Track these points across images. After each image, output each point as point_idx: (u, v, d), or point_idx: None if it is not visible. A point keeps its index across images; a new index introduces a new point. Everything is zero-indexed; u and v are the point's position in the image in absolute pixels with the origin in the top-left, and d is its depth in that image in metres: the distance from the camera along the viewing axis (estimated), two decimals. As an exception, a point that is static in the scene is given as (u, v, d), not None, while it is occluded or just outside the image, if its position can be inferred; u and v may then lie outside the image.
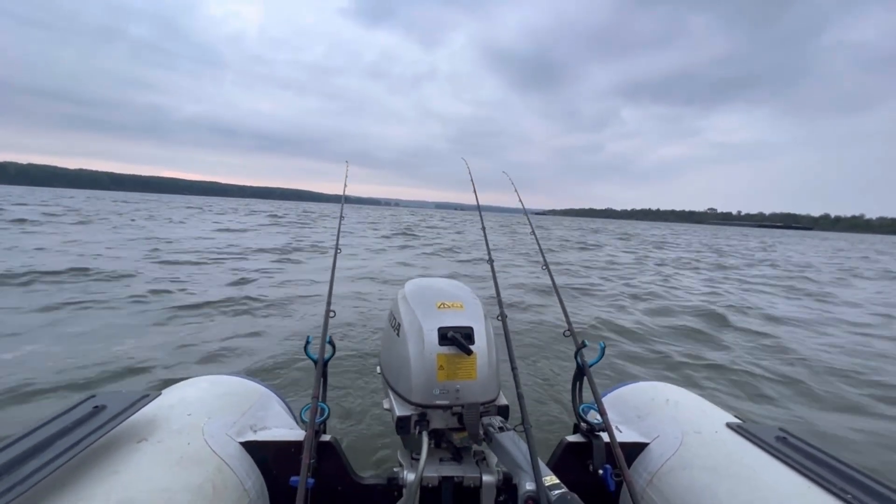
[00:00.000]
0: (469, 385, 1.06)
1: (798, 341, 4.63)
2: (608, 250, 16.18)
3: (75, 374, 2.80)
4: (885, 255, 24.61)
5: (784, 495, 0.86)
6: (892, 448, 2.46)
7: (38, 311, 4.17)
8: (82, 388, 2.63)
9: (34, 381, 2.63)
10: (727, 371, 3.56)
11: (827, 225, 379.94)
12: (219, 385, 1.25)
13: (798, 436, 1.04)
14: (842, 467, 0.90)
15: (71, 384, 2.65)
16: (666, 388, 1.40)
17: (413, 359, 1.06)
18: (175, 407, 1.07)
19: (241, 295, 5.23)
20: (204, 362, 3.15)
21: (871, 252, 27.38)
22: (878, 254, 25.37)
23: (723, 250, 20.46)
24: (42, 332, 3.62)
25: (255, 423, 1.15)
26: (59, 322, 3.92)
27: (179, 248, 9.56)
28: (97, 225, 14.08)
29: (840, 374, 3.67)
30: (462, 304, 1.16)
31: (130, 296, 4.86)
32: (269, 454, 1.08)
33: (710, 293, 7.52)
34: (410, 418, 1.04)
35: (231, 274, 6.75)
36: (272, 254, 9.57)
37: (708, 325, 5.08)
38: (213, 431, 1.02)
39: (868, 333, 5.23)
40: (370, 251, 11.43)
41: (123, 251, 8.40)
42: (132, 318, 4.16)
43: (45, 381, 2.61)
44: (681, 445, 1.09)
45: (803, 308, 6.78)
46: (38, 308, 4.25)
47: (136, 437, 0.92)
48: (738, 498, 0.89)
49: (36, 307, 4.27)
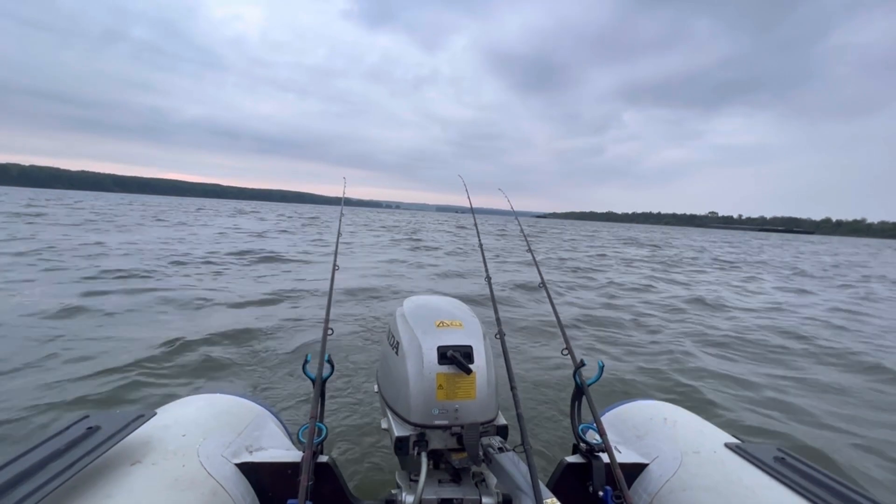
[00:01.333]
0: (468, 405, 1.05)
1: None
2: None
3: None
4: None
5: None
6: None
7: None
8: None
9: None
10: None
11: (828, 229, 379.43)
12: (214, 404, 1.24)
13: (796, 456, 1.04)
14: (840, 488, 0.90)
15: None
16: (664, 407, 1.39)
17: (412, 378, 1.05)
18: (170, 427, 1.06)
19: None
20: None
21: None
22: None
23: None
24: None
25: (251, 444, 1.13)
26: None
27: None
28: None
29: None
30: (461, 322, 1.15)
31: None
32: (264, 476, 1.06)
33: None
34: (409, 439, 1.03)
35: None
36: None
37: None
38: (208, 453, 1.00)
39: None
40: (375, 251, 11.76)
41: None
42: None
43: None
44: (680, 466, 1.08)
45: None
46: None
47: (130, 459, 0.91)
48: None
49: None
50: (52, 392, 2.64)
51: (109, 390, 2.71)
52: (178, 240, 12.09)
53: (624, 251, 18.77)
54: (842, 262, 19.76)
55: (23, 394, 2.61)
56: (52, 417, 2.36)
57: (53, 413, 2.40)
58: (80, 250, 8.75)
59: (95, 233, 12.46)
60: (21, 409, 2.41)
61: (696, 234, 59.48)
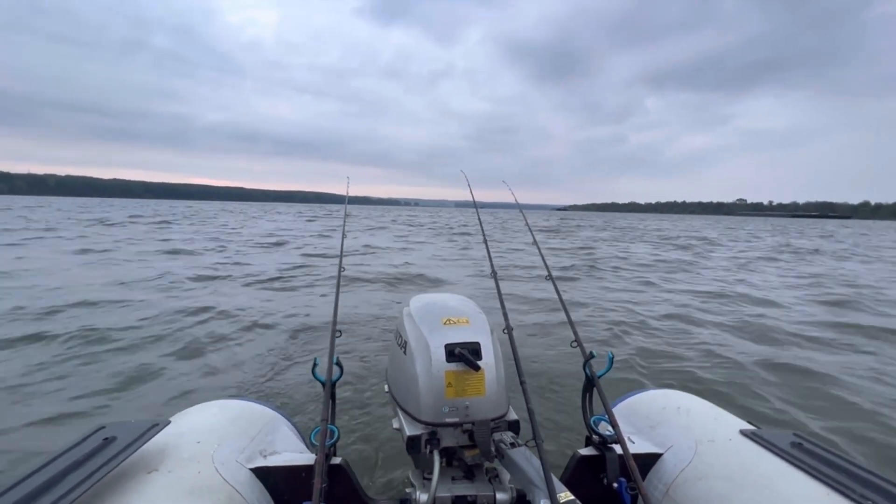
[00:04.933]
0: (478, 401, 1.06)
1: None
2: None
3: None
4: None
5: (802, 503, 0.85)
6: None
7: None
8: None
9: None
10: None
11: (867, 213, 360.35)
12: (228, 410, 1.26)
13: (813, 441, 1.02)
14: (860, 472, 0.88)
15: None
16: (677, 396, 1.38)
17: (421, 377, 1.07)
18: (185, 435, 1.08)
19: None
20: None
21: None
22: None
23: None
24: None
25: (265, 448, 1.15)
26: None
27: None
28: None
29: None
30: (468, 319, 1.16)
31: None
32: (279, 479, 1.08)
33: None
34: (421, 437, 1.04)
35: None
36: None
37: None
38: (222, 458, 1.02)
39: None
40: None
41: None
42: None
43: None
44: (695, 455, 1.07)
45: None
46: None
47: (146, 467, 0.93)
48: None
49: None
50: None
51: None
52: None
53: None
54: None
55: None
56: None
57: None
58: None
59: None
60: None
61: (745, 224, 56.31)
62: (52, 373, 3.10)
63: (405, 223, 23.46)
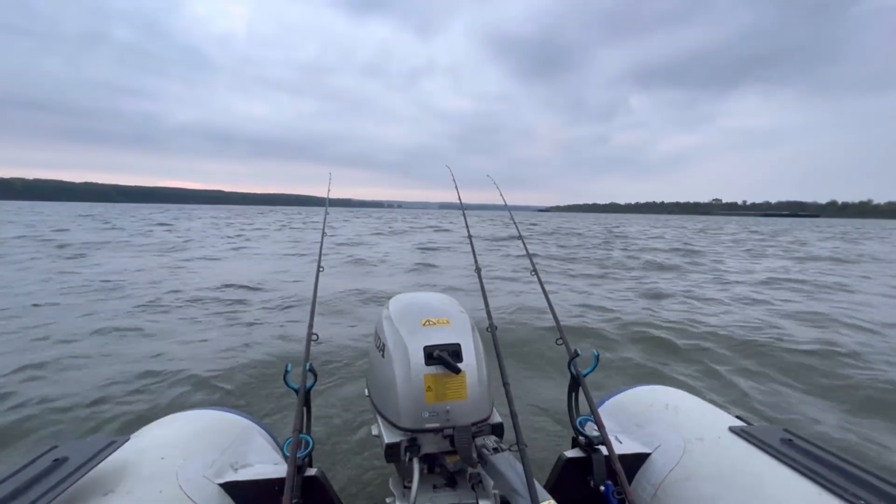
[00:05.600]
0: (460, 405, 1.02)
1: None
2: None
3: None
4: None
5: (793, 503, 0.83)
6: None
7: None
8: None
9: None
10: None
11: (834, 212, 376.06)
12: (195, 421, 1.19)
13: (803, 437, 1.01)
14: (851, 469, 0.86)
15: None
16: (665, 392, 1.36)
17: (399, 381, 1.02)
18: (146, 451, 1.01)
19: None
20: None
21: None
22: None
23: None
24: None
25: (237, 461, 1.09)
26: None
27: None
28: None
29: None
30: (448, 319, 1.12)
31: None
32: (250, 495, 1.01)
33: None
34: (400, 445, 1.00)
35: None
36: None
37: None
38: (188, 475, 0.95)
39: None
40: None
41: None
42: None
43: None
44: (683, 454, 1.05)
45: None
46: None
47: (101, 489, 0.86)
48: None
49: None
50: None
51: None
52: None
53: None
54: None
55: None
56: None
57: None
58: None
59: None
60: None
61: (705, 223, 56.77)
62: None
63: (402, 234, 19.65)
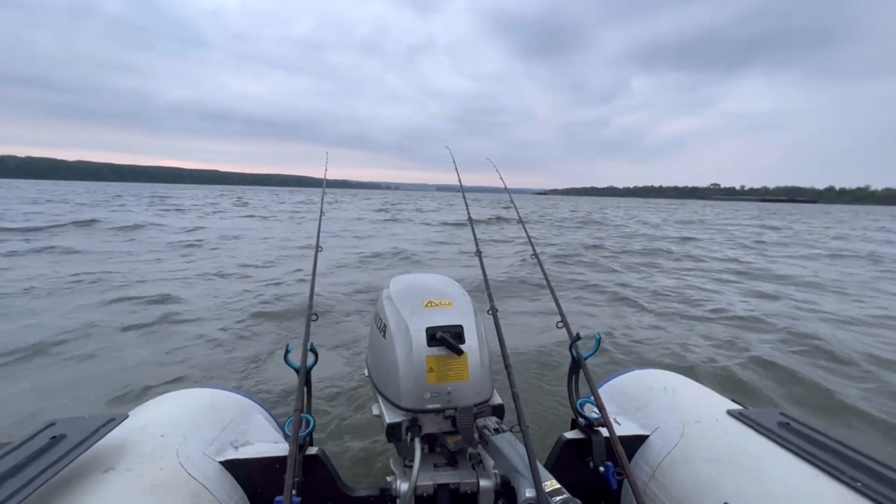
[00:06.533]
0: (461, 386, 1.02)
1: None
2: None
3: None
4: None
5: (791, 486, 0.83)
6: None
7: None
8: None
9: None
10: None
11: (831, 198, 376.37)
12: (195, 399, 1.19)
13: (800, 420, 1.02)
14: (848, 452, 0.87)
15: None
16: (663, 376, 1.37)
17: (401, 362, 1.02)
18: (146, 429, 1.00)
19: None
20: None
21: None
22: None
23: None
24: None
25: (237, 439, 1.09)
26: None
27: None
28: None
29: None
30: (450, 301, 1.11)
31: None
32: (252, 472, 1.02)
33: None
34: (401, 424, 1.01)
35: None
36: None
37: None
38: (189, 452, 0.95)
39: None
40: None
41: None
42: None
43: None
44: (682, 437, 1.06)
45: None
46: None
47: (101, 466, 0.85)
48: (742, 490, 0.86)
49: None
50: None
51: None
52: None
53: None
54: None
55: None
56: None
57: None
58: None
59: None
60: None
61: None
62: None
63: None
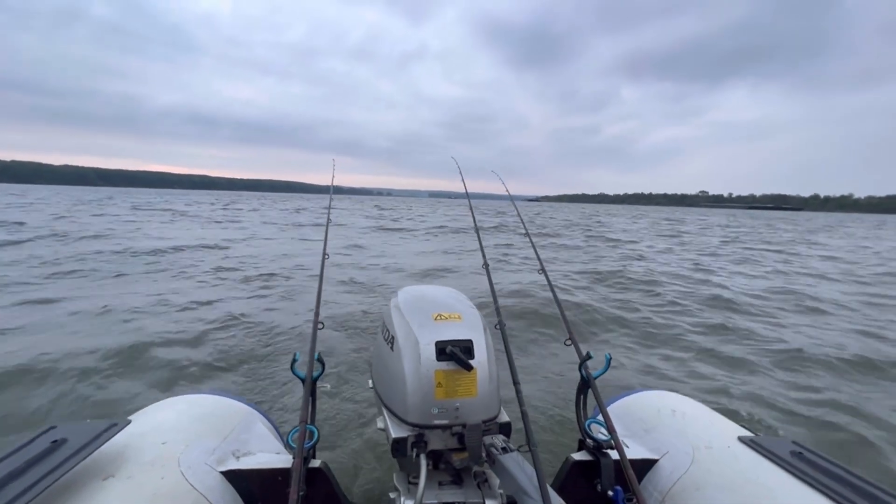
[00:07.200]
0: (469, 403, 0.99)
1: None
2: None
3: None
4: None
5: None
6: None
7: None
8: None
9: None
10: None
11: (816, 205, 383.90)
12: (197, 406, 1.17)
13: (813, 450, 0.99)
14: (862, 485, 0.85)
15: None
16: (671, 398, 1.34)
17: (409, 375, 0.99)
18: (147, 435, 0.99)
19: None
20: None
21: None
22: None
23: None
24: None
25: (239, 449, 1.07)
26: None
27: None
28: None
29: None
30: (460, 314, 1.09)
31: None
32: (253, 484, 1.00)
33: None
34: (407, 440, 0.98)
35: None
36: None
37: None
38: (190, 461, 0.93)
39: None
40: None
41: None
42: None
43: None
44: (692, 462, 1.03)
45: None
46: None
47: (101, 473, 0.84)
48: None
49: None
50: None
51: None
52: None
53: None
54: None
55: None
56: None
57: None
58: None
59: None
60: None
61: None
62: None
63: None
